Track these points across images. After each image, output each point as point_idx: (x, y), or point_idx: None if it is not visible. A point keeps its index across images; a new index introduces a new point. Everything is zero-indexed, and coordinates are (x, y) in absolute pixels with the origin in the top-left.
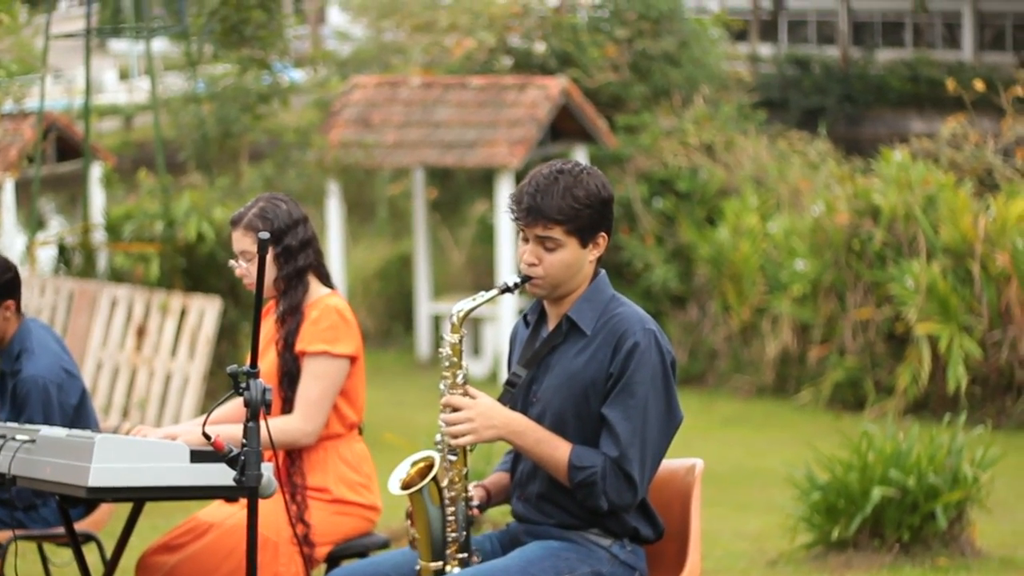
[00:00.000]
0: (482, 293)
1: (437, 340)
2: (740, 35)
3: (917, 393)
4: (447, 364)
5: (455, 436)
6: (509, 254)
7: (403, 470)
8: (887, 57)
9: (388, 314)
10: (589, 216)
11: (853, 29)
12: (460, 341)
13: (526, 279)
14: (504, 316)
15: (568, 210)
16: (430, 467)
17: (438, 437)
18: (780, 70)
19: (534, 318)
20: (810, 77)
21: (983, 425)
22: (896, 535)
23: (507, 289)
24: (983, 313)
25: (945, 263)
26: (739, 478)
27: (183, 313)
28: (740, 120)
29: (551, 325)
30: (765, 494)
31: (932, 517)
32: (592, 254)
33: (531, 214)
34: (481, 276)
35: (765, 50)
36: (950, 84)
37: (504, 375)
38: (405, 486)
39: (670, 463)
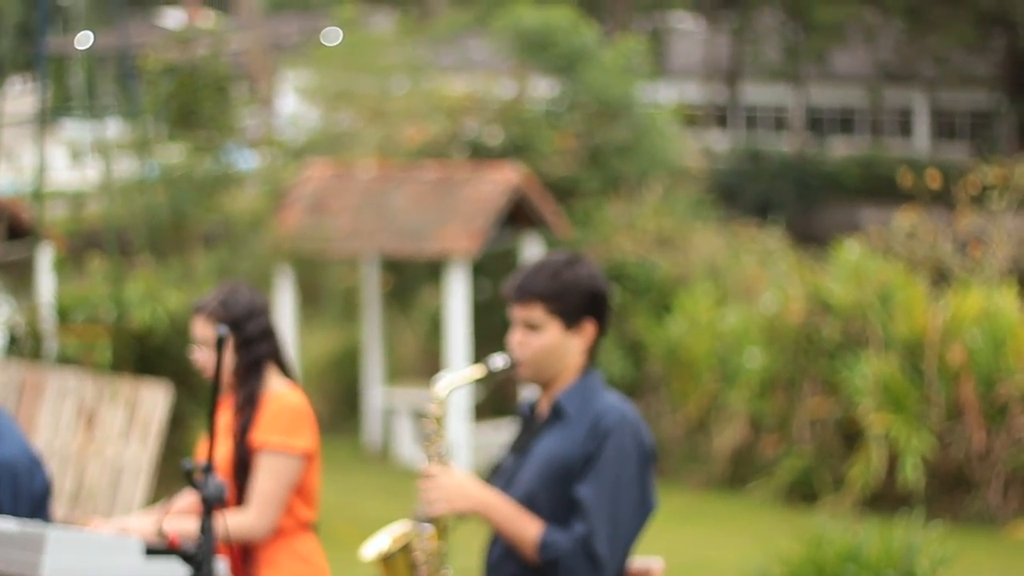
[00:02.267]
0: (469, 369)
1: (387, 430)
2: (695, 126)
3: (871, 488)
4: (429, 436)
5: (429, 504)
6: (461, 343)
7: (381, 540)
8: (841, 148)
9: (339, 402)
10: (572, 299)
11: (808, 120)
12: (443, 414)
13: (512, 363)
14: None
15: (550, 289)
16: (408, 540)
17: (415, 509)
18: (734, 161)
19: (530, 406)
20: (764, 168)
21: (939, 520)
22: None
23: (492, 369)
24: (937, 408)
25: (899, 357)
26: (691, 573)
27: (133, 400)
28: (694, 211)
29: (541, 412)
30: None
31: None
32: (578, 342)
33: (516, 292)
34: (434, 366)
35: (720, 141)
36: (904, 176)
37: None
38: (381, 555)
39: (629, 563)
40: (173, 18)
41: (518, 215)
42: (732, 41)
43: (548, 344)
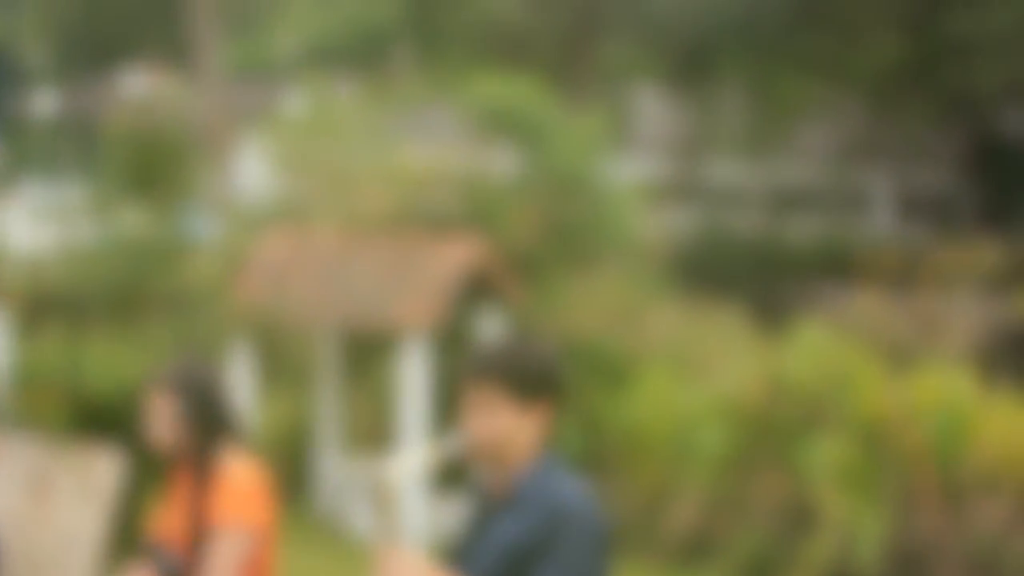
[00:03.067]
0: (422, 450)
1: (341, 503)
2: (656, 200)
3: (825, 570)
4: (381, 517)
5: None
6: (417, 418)
7: None
8: (803, 225)
9: (293, 474)
10: (527, 379)
11: (770, 196)
12: (394, 496)
13: (465, 443)
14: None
15: (502, 366)
16: None
17: None
18: (695, 236)
19: (486, 486)
20: (725, 244)
21: None
22: None
23: (445, 450)
24: (895, 491)
25: (857, 439)
26: None
27: (86, 468)
28: (653, 287)
29: (496, 493)
30: None
31: None
32: (533, 422)
33: (470, 371)
34: (389, 440)
35: (680, 216)
36: (865, 256)
37: None
38: None
39: None
40: (134, 79)
41: (477, 288)
42: (695, 115)
43: (502, 425)
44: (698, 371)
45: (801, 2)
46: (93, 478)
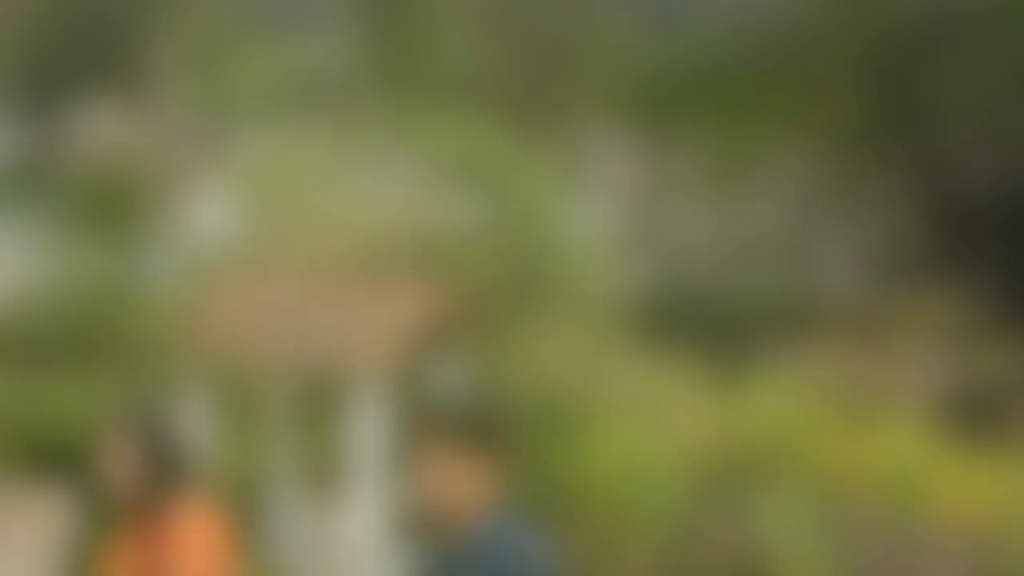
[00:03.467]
0: (375, 496)
1: (294, 547)
2: (614, 249)
3: None
4: (333, 563)
5: None
6: (369, 462)
7: None
8: (762, 276)
9: (248, 518)
10: (476, 432)
11: (729, 246)
12: (348, 544)
13: (416, 497)
14: None
15: (455, 420)
16: None
17: None
18: (654, 286)
19: (436, 538)
20: (684, 295)
21: None
22: None
23: (396, 499)
24: (848, 548)
25: (811, 496)
26: None
27: (32, 511)
28: (611, 336)
29: (445, 546)
30: None
31: None
32: (483, 476)
33: (423, 421)
34: (342, 485)
35: (639, 265)
36: (824, 308)
37: None
38: None
39: None
40: (92, 118)
41: (433, 335)
42: (657, 164)
43: (454, 478)
44: (654, 423)
45: (766, 53)
46: (41, 521)
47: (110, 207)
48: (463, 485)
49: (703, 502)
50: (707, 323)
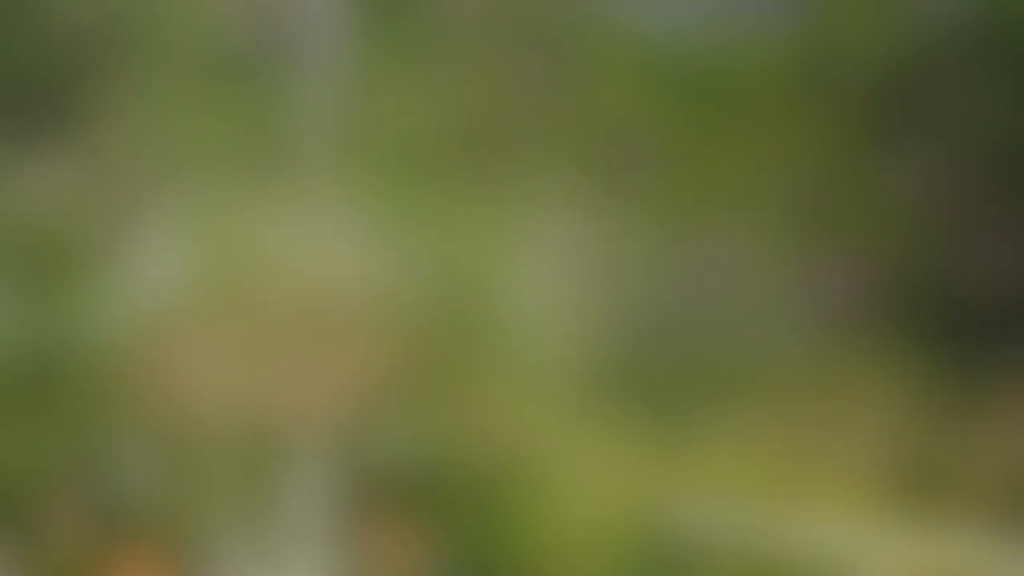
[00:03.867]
0: (312, 563)
1: None
2: (566, 311)
3: None
4: None
5: None
6: (306, 526)
7: None
8: (709, 341)
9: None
10: (408, 497)
11: (678, 311)
12: None
13: (355, 566)
14: None
15: (391, 491)
16: None
17: None
18: (604, 348)
19: None
20: (631, 360)
21: None
22: None
23: (334, 568)
24: None
25: (757, 567)
26: None
27: None
28: (558, 400)
29: None
30: None
31: None
32: (422, 547)
33: (360, 491)
34: (278, 550)
35: (590, 326)
36: (768, 375)
37: None
38: None
39: None
40: (32, 168)
41: (376, 396)
42: (609, 224)
43: (390, 548)
44: (597, 490)
45: (712, 117)
46: None
47: (50, 259)
48: (400, 553)
49: (647, 572)
50: (654, 386)
